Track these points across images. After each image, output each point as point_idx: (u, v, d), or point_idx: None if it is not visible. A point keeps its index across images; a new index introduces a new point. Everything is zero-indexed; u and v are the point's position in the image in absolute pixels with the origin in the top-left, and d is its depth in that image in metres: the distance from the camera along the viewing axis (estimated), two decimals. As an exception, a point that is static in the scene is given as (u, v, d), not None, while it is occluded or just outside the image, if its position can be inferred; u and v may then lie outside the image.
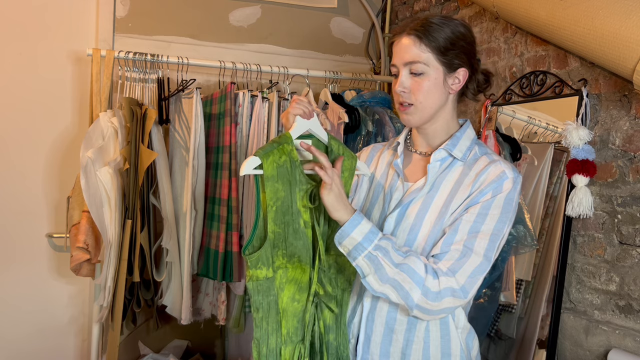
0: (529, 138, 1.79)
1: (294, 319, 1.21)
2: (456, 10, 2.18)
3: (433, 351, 1.17)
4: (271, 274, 1.17)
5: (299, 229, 1.17)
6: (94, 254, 1.99)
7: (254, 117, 2.12)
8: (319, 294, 1.22)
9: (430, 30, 1.15)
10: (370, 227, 1.12)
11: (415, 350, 1.17)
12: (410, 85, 1.17)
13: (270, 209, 1.15)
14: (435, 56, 1.15)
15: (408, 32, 1.17)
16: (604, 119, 1.51)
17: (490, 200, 1.12)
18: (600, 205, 1.51)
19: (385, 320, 1.20)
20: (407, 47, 1.16)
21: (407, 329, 1.18)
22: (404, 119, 1.21)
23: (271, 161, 1.14)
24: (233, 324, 2.22)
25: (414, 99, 1.17)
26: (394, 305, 1.19)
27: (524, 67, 1.81)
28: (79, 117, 2.34)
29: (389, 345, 1.19)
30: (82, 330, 2.40)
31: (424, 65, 1.15)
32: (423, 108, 1.18)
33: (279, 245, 1.17)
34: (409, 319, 1.18)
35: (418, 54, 1.15)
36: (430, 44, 1.15)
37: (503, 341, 1.77)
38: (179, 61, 2.14)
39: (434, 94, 1.17)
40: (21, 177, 2.28)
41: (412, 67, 1.16)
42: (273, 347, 1.20)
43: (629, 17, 1.28)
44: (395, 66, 1.19)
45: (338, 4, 2.69)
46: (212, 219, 2.10)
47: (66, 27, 2.31)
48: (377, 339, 1.21)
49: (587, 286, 1.55)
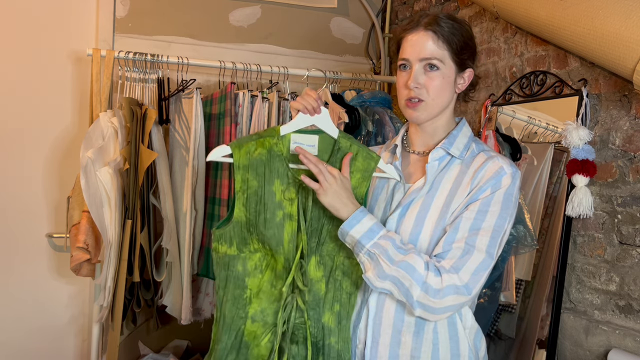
0: (529, 138, 1.79)
1: (269, 302, 1.25)
2: (456, 10, 2.18)
3: (442, 353, 1.16)
4: (233, 252, 1.24)
5: (273, 219, 1.21)
6: (94, 254, 1.99)
7: (254, 117, 2.12)
8: (298, 287, 1.22)
9: (448, 28, 1.15)
10: (371, 225, 1.12)
11: (425, 352, 1.16)
12: (423, 82, 1.16)
13: (241, 195, 1.21)
14: (450, 54, 1.16)
15: (425, 28, 1.16)
16: (604, 119, 1.51)
17: (490, 196, 1.12)
18: (600, 205, 1.51)
19: (392, 322, 1.18)
20: (424, 42, 1.15)
21: (415, 331, 1.17)
22: (411, 115, 1.19)
23: (244, 152, 1.20)
24: (233, 324, 2.22)
25: (426, 95, 1.16)
26: (401, 307, 1.18)
27: (524, 67, 1.81)
28: (79, 117, 2.34)
29: (397, 348, 1.18)
30: (82, 330, 2.40)
31: (440, 62, 1.15)
32: (434, 105, 1.18)
33: (252, 230, 1.23)
34: (416, 320, 1.16)
35: (435, 50, 1.15)
36: (447, 41, 1.15)
37: (503, 341, 1.77)
38: (179, 61, 2.14)
39: (445, 91, 1.18)
40: (21, 177, 2.28)
41: (428, 63, 1.15)
42: (228, 315, 1.25)
43: (629, 17, 1.28)
44: (408, 61, 1.17)
45: (338, 4, 2.69)
46: (212, 219, 2.10)
47: (66, 27, 2.31)
48: (385, 341, 1.19)
49: (587, 286, 1.55)
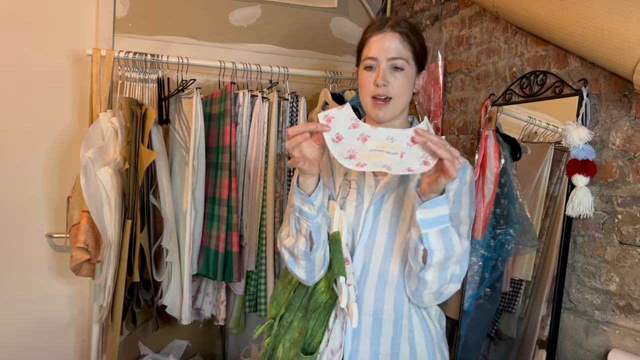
0: (529, 138, 1.79)
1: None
2: (456, 10, 2.18)
3: (417, 337, 1.24)
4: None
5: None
6: (94, 254, 1.99)
7: (254, 117, 2.12)
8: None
9: (412, 32, 1.23)
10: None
11: (403, 340, 1.22)
12: (390, 80, 1.20)
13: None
14: (413, 55, 1.23)
15: (392, 29, 1.22)
16: (604, 119, 1.51)
17: (459, 189, 1.21)
18: (601, 205, 1.51)
19: (373, 310, 1.22)
20: (391, 43, 1.21)
21: (395, 319, 1.22)
22: (377, 114, 1.22)
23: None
24: (233, 324, 2.22)
25: (394, 93, 1.21)
26: (380, 295, 1.21)
27: (524, 67, 1.81)
28: (79, 117, 2.34)
29: (378, 336, 1.22)
30: (82, 330, 2.40)
31: (405, 62, 1.21)
32: (398, 103, 1.22)
33: None
34: (395, 309, 1.21)
35: (402, 50, 1.21)
36: (411, 43, 1.22)
37: (503, 341, 1.77)
38: (179, 61, 2.14)
39: (408, 90, 1.24)
40: (21, 177, 2.28)
41: (395, 63, 1.20)
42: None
43: (629, 17, 1.28)
44: (376, 60, 1.21)
45: (338, 4, 2.69)
46: (212, 219, 2.10)
47: (66, 27, 2.31)
48: (366, 330, 1.23)
49: (587, 286, 1.55)
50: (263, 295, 2.11)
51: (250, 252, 2.10)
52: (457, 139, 2.15)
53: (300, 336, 1.24)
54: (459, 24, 2.17)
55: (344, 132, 1.09)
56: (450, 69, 2.21)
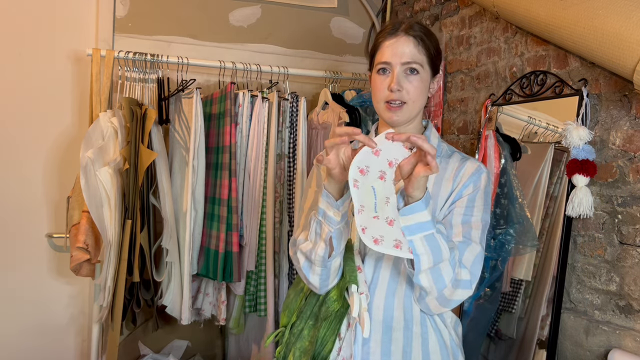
0: (529, 138, 1.79)
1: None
2: (456, 10, 2.18)
3: (432, 344, 1.20)
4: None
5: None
6: (94, 254, 1.99)
7: (254, 117, 2.12)
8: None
9: (427, 35, 1.21)
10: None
11: (415, 347, 1.19)
12: (404, 85, 1.19)
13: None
14: (427, 59, 1.21)
15: (406, 33, 1.20)
16: (604, 119, 1.51)
17: (474, 193, 1.19)
18: (601, 205, 1.51)
19: (382, 318, 1.20)
20: (406, 47, 1.19)
21: (405, 326, 1.19)
22: (391, 118, 1.20)
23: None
24: (233, 324, 2.22)
25: (408, 98, 1.19)
26: (389, 303, 1.19)
27: (524, 67, 1.81)
28: (79, 117, 2.34)
29: (389, 344, 1.19)
30: (82, 330, 2.40)
31: (420, 66, 1.20)
32: (413, 107, 1.21)
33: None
34: (405, 316, 1.19)
35: (416, 54, 1.19)
36: (426, 47, 1.20)
37: (503, 341, 1.77)
38: (179, 61, 2.14)
39: (423, 94, 1.22)
40: (21, 177, 2.28)
41: (409, 67, 1.19)
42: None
43: (629, 17, 1.28)
44: (390, 64, 1.20)
45: (338, 4, 2.69)
46: (212, 219, 2.10)
47: (66, 27, 2.31)
48: (377, 337, 1.20)
49: (587, 286, 1.55)
50: (263, 295, 2.11)
51: (250, 252, 2.10)
52: (457, 139, 2.15)
53: (310, 345, 1.24)
54: (459, 23, 2.17)
55: (372, 166, 1.06)
56: (450, 69, 2.21)
